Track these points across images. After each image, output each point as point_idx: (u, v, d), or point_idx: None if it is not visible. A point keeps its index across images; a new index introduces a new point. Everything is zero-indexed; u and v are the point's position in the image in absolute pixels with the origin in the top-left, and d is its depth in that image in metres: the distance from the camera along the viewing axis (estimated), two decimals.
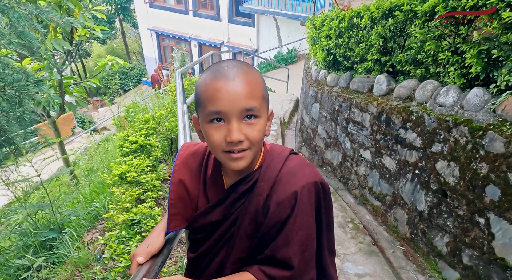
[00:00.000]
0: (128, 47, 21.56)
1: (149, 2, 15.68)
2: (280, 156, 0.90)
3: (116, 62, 5.08)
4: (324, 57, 4.04)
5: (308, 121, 4.59)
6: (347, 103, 3.51)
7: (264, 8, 13.32)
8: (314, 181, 0.85)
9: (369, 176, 3.40)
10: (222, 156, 0.80)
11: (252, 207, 0.87)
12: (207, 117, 0.77)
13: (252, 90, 0.77)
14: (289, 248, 0.84)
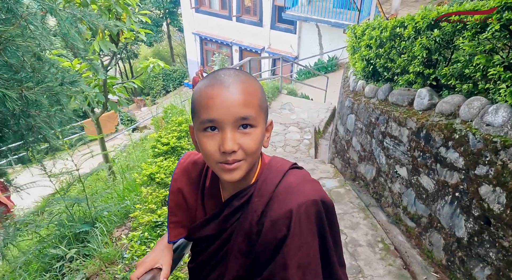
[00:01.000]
0: (173, 50, 22.34)
1: (195, 8, 16.15)
2: (278, 171, 0.85)
3: (158, 64, 5.24)
4: (363, 67, 3.90)
5: (342, 132, 4.44)
6: (384, 116, 3.35)
7: (307, 15, 13.23)
8: (313, 199, 0.79)
9: (404, 195, 3.21)
10: (216, 167, 0.77)
11: (246, 224, 0.82)
12: (201, 125, 0.75)
13: (248, 98, 0.74)
14: (287, 272, 0.78)
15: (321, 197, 0.81)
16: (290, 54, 14.71)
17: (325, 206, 0.82)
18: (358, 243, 3.01)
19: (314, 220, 0.79)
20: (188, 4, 16.19)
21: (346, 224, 3.21)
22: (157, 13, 19.28)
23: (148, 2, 18.01)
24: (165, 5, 18.76)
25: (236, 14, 15.26)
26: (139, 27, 4.97)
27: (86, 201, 3.44)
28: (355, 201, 3.52)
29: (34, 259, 3.38)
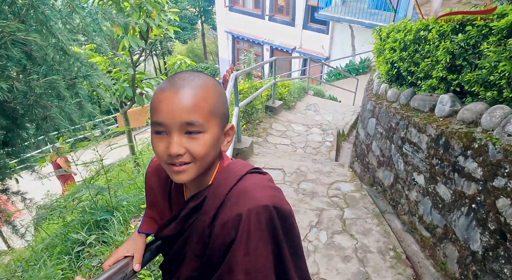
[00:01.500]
0: (206, 47, 22.73)
1: (229, 6, 16.34)
2: (235, 174, 0.85)
3: (185, 61, 5.38)
4: (387, 70, 3.81)
5: (363, 136, 4.36)
6: (404, 121, 3.26)
7: (340, 15, 13.01)
8: (265, 204, 0.77)
9: (421, 203, 3.11)
10: (167, 168, 0.79)
11: (200, 225, 0.83)
12: (152, 127, 0.77)
13: (196, 104, 0.74)
14: (233, 277, 0.77)
15: (274, 203, 0.79)
16: (321, 54, 14.54)
17: (280, 213, 0.80)
18: (369, 249, 2.95)
19: (265, 226, 0.78)
20: (222, 2, 16.40)
21: (358, 230, 3.16)
22: (192, 11, 19.69)
23: (184, 0, 18.42)
24: (200, 3, 19.12)
25: (268, 13, 15.28)
26: (169, 25, 5.12)
27: (108, 191, 3.61)
28: (370, 206, 3.45)
29: (59, 243, 3.58)
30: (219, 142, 0.82)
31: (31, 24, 1.48)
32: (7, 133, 1.84)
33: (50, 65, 1.82)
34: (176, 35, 19.20)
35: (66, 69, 1.96)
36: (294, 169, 4.09)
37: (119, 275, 0.83)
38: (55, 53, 1.88)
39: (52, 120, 1.64)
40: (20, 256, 4.25)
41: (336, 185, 3.81)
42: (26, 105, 1.46)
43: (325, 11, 13.34)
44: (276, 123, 6.04)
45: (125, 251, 0.94)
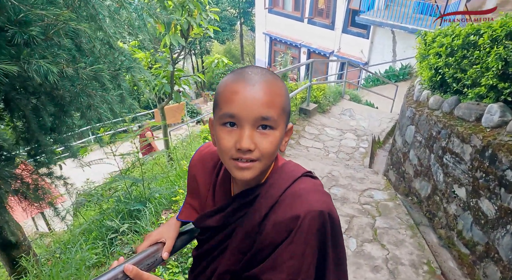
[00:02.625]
0: (244, 48, 22.95)
1: (269, 8, 16.40)
2: (290, 175, 0.83)
3: (222, 60, 5.45)
4: (430, 76, 3.64)
5: (400, 144, 4.20)
6: (446, 130, 3.10)
7: (382, 20, 12.67)
8: (321, 210, 0.76)
9: (460, 218, 2.94)
10: (229, 163, 0.76)
11: (249, 222, 0.82)
12: (221, 119, 0.74)
13: (271, 99, 0.72)
14: (275, 274, 0.77)
15: (328, 210, 0.78)
16: (359, 59, 14.22)
17: (332, 221, 0.79)
18: (400, 261, 2.83)
19: (316, 232, 0.77)
20: (262, 4, 16.50)
21: (390, 240, 3.04)
22: (231, 12, 19.97)
23: (225, 1, 18.73)
24: (241, 5, 19.35)
25: (308, 16, 15.18)
26: (209, 24, 5.22)
27: (142, 183, 3.73)
28: (404, 217, 3.31)
29: (94, 228, 3.74)
30: (282, 141, 0.80)
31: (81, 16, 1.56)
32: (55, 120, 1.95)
33: (97, 57, 1.91)
34: (215, 35, 19.54)
35: (110, 62, 2.04)
36: (325, 173, 4.01)
37: (149, 260, 0.85)
38: (102, 46, 1.97)
39: (96, 109, 1.72)
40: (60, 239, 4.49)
41: (369, 193, 3.69)
42: (73, 93, 1.54)
43: (366, 15, 13.04)
44: (309, 126, 5.97)
45: (159, 237, 0.95)
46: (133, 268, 0.77)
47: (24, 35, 1.00)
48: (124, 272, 0.76)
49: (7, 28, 1.03)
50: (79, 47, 1.84)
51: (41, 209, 2.31)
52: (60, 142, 2.11)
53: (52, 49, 1.23)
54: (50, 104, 1.64)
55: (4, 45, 1.05)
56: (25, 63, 1.03)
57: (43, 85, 1.48)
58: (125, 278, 0.76)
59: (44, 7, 1.09)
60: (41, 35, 1.09)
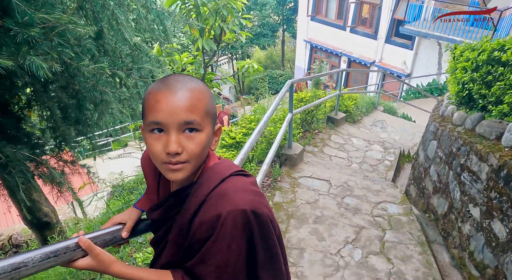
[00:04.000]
0: (284, 55, 23.09)
1: (311, 16, 16.42)
2: (218, 175, 0.88)
3: (252, 65, 5.60)
4: (457, 91, 3.52)
5: (422, 158, 4.07)
6: (466, 147, 2.99)
7: (429, 31, 12.19)
8: (243, 209, 0.81)
9: (473, 238, 2.83)
10: (162, 167, 0.81)
11: (181, 220, 0.89)
12: (148, 126, 0.79)
13: (193, 104, 0.78)
14: (204, 267, 0.84)
15: (253, 208, 0.82)
16: (402, 70, 13.78)
17: (257, 218, 0.83)
18: (404, 277, 2.77)
19: (241, 229, 0.82)
20: (305, 11, 16.55)
21: (397, 254, 2.98)
22: (274, 19, 20.19)
23: (268, 8, 19.00)
24: (284, 11, 19.53)
25: (351, 24, 14.99)
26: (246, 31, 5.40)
27: None
28: (416, 233, 3.22)
29: None
30: (211, 141, 0.87)
31: (101, 19, 1.76)
32: (78, 113, 2.18)
33: (118, 57, 2.11)
34: (256, 41, 19.88)
35: (132, 62, 2.24)
36: (341, 182, 3.99)
37: (107, 236, 0.96)
38: (124, 47, 2.17)
39: (108, 104, 1.91)
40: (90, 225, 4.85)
41: (383, 205, 3.63)
42: (86, 89, 1.74)
43: (411, 25, 12.63)
44: (336, 135, 5.93)
45: (120, 219, 1.06)
46: (87, 240, 0.87)
47: (25, 35, 1.19)
48: (77, 243, 0.85)
49: (12, 29, 1.22)
50: (102, 47, 2.05)
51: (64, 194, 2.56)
52: (83, 134, 2.34)
53: (59, 48, 1.42)
54: (66, 97, 1.85)
55: (9, 43, 1.25)
56: (21, 59, 1.22)
57: (59, 80, 1.69)
58: (77, 248, 0.85)
59: (47, 11, 1.27)
60: (42, 35, 1.28)
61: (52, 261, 0.79)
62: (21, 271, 0.72)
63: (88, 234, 0.91)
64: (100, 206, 6.50)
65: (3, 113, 2.03)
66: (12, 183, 1.62)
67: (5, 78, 1.98)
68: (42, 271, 0.79)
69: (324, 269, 2.77)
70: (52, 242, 3.47)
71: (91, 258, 0.88)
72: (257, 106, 6.29)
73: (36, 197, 3.62)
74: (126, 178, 5.86)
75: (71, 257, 0.84)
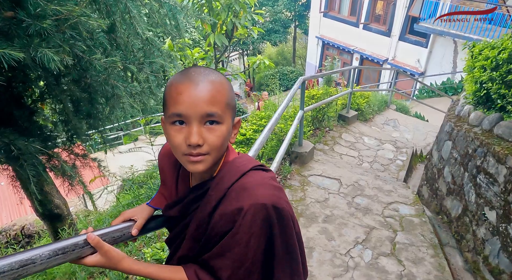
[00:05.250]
0: (296, 52, 22.91)
1: (324, 12, 16.24)
2: (238, 170, 0.88)
3: (264, 62, 5.55)
4: (474, 91, 3.43)
5: (436, 159, 3.99)
6: (483, 149, 2.90)
7: (444, 29, 11.95)
8: (263, 203, 0.81)
9: (488, 243, 2.75)
10: (182, 159, 0.82)
11: (200, 214, 0.89)
12: (170, 118, 0.80)
13: (215, 96, 0.78)
14: (221, 260, 0.84)
15: (273, 203, 0.82)
16: (415, 69, 13.55)
17: (278, 213, 0.83)
18: (415, 279, 2.72)
19: (260, 223, 0.82)
20: (317, 8, 16.37)
21: (408, 256, 2.92)
22: (286, 15, 20.03)
23: (281, 4, 18.85)
24: (297, 8, 19.36)
25: (364, 21, 14.78)
26: (257, 26, 5.35)
27: None
28: (428, 235, 3.15)
29: None
30: (230, 133, 0.86)
31: (112, 12, 1.75)
32: (90, 106, 2.18)
33: (130, 51, 2.10)
34: (267, 37, 19.77)
35: (143, 56, 2.22)
36: (352, 181, 3.94)
37: (116, 233, 0.94)
38: (136, 41, 2.16)
39: (119, 98, 1.90)
40: (100, 218, 4.90)
41: (395, 206, 3.57)
42: (98, 82, 1.73)
43: (426, 23, 12.39)
44: (347, 133, 5.86)
45: (132, 215, 1.04)
46: (95, 237, 0.85)
47: (37, 27, 1.18)
48: (86, 240, 0.84)
49: (24, 21, 1.21)
50: (114, 41, 2.04)
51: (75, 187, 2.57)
52: (94, 128, 2.35)
53: (71, 41, 1.40)
54: (78, 90, 1.85)
55: (21, 34, 1.24)
56: (33, 51, 1.21)
57: (72, 73, 1.68)
58: (86, 245, 0.84)
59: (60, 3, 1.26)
60: (54, 27, 1.27)
61: (61, 258, 0.78)
62: (28, 268, 0.71)
63: (97, 231, 0.89)
64: (110, 199, 6.57)
65: (16, 106, 2.04)
66: (24, 176, 1.63)
67: (18, 71, 1.99)
68: (50, 268, 0.78)
69: (333, 269, 2.73)
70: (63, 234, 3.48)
71: (100, 255, 0.87)
72: (268, 103, 6.25)
73: (48, 189, 3.65)
74: (136, 172, 5.91)
75: (80, 254, 0.83)
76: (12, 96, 2.00)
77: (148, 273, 0.90)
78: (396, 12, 13.58)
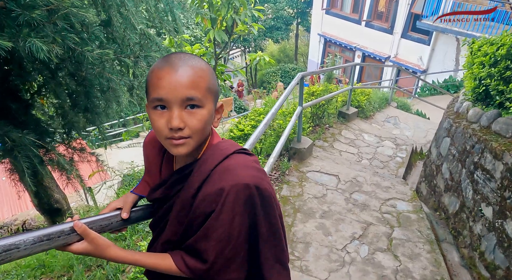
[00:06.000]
0: (298, 49, 22.86)
1: (326, 9, 16.18)
2: (222, 153, 0.90)
3: (264, 58, 5.55)
4: (473, 87, 3.42)
5: (434, 156, 3.98)
6: (480, 145, 2.90)
7: (447, 26, 11.87)
8: (246, 183, 0.82)
9: (484, 238, 2.75)
10: (165, 142, 0.84)
11: (184, 195, 0.90)
12: (151, 103, 0.82)
13: (194, 81, 0.80)
14: (206, 242, 0.85)
15: (256, 183, 0.84)
16: (417, 66, 13.49)
17: (260, 193, 0.84)
18: (411, 274, 2.72)
19: (243, 203, 0.83)
20: (319, 5, 16.31)
21: (404, 252, 2.93)
22: (288, 12, 19.95)
23: (283, 1, 18.79)
24: (299, 5, 19.28)
25: (366, 18, 14.72)
26: (258, 23, 5.35)
27: None
28: (425, 231, 3.15)
29: None
30: (213, 118, 0.88)
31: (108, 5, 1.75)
32: (87, 101, 2.19)
33: (127, 45, 2.10)
34: (269, 34, 19.71)
35: (140, 50, 2.23)
36: (350, 178, 3.94)
37: (104, 222, 0.95)
38: (133, 35, 2.16)
39: (114, 91, 1.91)
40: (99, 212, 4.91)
41: (392, 202, 3.57)
42: (93, 75, 1.74)
43: (429, 20, 12.32)
44: (347, 130, 5.85)
45: (118, 204, 1.05)
46: (82, 225, 0.86)
47: (26, 17, 1.18)
48: (72, 228, 0.85)
49: (14, 10, 1.22)
50: (110, 35, 2.04)
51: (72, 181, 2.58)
52: (91, 122, 2.36)
53: (64, 32, 1.41)
54: (74, 84, 1.86)
55: (11, 24, 1.24)
56: (22, 41, 1.22)
57: (67, 67, 1.69)
58: (72, 233, 0.84)
59: None
60: (45, 18, 1.28)
61: (45, 244, 0.78)
62: (12, 253, 0.72)
63: (84, 219, 0.90)
64: (110, 194, 6.60)
65: (13, 99, 2.06)
66: (19, 167, 1.64)
67: (14, 64, 2.00)
68: (34, 254, 0.78)
69: (329, 264, 2.74)
70: None
71: (87, 243, 0.87)
72: (268, 99, 6.25)
73: (47, 183, 3.67)
74: (136, 167, 5.93)
75: (65, 241, 0.83)
76: (9, 89, 2.01)
77: (135, 260, 0.91)
78: (399, 9, 13.52)
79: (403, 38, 13.79)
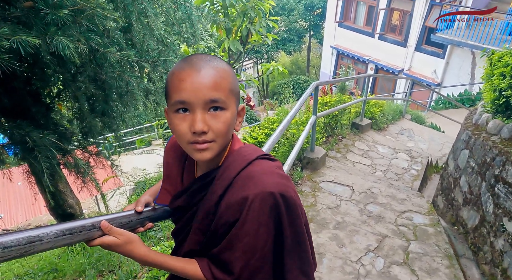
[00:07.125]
0: (310, 61, 22.94)
1: (339, 22, 16.26)
2: (245, 159, 0.86)
3: (277, 68, 5.57)
4: (493, 99, 3.35)
5: (452, 168, 3.89)
6: (501, 158, 2.82)
7: (462, 39, 11.78)
8: (271, 191, 0.79)
9: (507, 255, 2.65)
10: (188, 147, 0.80)
11: (207, 203, 0.87)
12: (173, 107, 0.78)
13: (218, 82, 0.76)
14: (231, 253, 0.82)
15: (281, 191, 0.80)
16: (431, 80, 13.37)
17: (285, 202, 0.81)
18: None
19: (268, 212, 0.80)
20: (333, 18, 16.41)
21: (422, 266, 2.84)
22: (301, 25, 20.12)
23: (296, 13, 18.98)
24: (312, 18, 19.44)
25: (379, 31, 14.72)
26: (268, 33, 5.39)
27: None
28: (443, 246, 3.06)
29: None
30: (235, 120, 0.85)
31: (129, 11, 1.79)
32: (105, 105, 2.22)
33: (145, 50, 2.13)
34: (282, 46, 19.86)
35: (157, 55, 2.26)
36: (364, 189, 3.87)
37: (124, 219, 0.92)
38: (151, 41, 2.20)
39: (132, 95, 1.93)
40: None
41: (408, 215, 3.48)
42: (112, 78, 1.76)
43: (443, 33, 12.25)
44: (360, 141, 5.79)
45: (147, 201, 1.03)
46: (108, 225, 0.84)
47: (53, 16, 1.21)
48: (93, 223, 0.82)
49: (42, 10, 1.25)
50: (130, 40, 2.08)
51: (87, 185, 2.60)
52: (108, 127, 2.38)
53: (88, 33, 1.44)
54: (93, 87, 1.89)
55: (39, 23, 1.28)
56: (49, 39, 1.24)
57: (87, 70, 1.72)
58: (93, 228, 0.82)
59: None
60: (71, 17, 1.31)
61: (67, 238, 0.77)
62: (35, 245, 0.71)
63: (105, 216, 0.89)
64: (122, 201, 6.63)
65: (34, 102, 2.10)
66: (38, 168, 1.66)
67: (37, 68, 2.04)
68: (56, 247, 0.77)
69: (343, 276, 2.67)
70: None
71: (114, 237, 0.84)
72: (280, 109, 6.25)
73: (62, 188, 3.71)
74: (148, 174, 5.96)
75: (87, 236, 0.82)
76: (31, 92, 2.05)
77: (163, 260, 0.88)
78: (413, 22, 13.50)
79: (417, 51, 13.73)
